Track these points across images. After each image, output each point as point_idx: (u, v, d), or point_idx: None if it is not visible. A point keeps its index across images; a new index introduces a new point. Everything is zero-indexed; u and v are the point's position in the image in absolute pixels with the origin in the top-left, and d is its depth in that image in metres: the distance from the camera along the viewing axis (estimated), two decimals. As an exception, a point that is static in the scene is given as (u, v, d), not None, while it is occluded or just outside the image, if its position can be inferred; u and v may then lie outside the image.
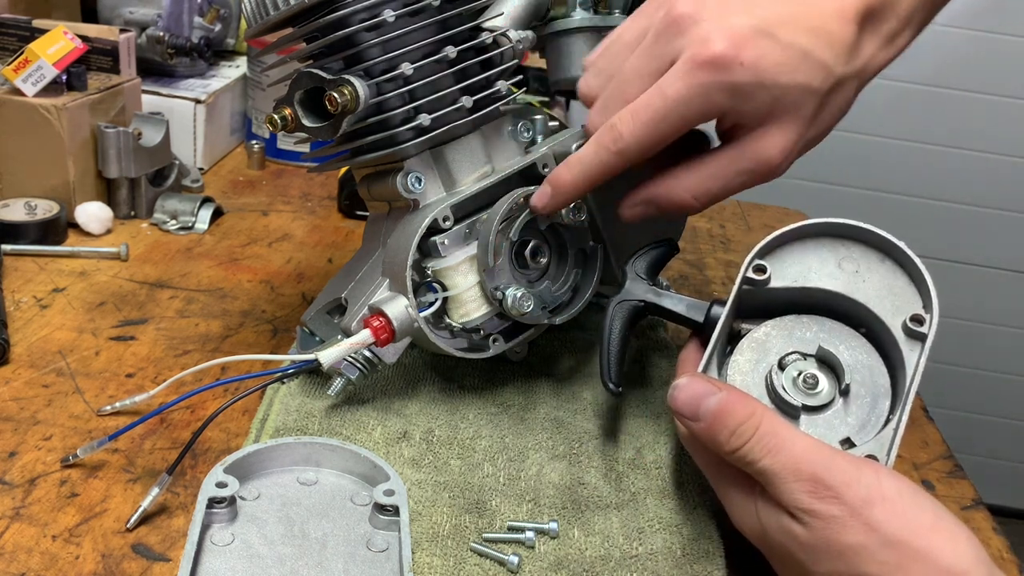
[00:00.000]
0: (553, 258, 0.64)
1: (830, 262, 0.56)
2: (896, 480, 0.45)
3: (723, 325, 0.56)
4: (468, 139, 0.65)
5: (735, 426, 0.48)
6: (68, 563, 0.51)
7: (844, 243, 0.56)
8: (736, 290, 0.56)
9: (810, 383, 0.53)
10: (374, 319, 0.61)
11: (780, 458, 0.46)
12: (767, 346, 0.56)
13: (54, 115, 0.87)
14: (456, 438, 0.63)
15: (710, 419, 0.49)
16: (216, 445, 0.62)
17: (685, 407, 0.50)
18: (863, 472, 0.45)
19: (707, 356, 0.55)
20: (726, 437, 0.48)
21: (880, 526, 0.43)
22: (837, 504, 0.44)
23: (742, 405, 0.48)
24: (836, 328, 0.56)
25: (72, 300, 0.78)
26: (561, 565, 0.53)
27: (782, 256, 0.57)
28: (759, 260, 0.56)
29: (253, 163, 1.14)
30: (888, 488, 0.44)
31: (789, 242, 0.57)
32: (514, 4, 0.69)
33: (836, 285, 0.55)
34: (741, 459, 0.48)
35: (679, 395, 0.50)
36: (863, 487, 0.44)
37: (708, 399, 0.49)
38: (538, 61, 0.80)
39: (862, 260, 0.56)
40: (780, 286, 0.56)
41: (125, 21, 1.08)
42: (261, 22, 0.62)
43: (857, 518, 0.44)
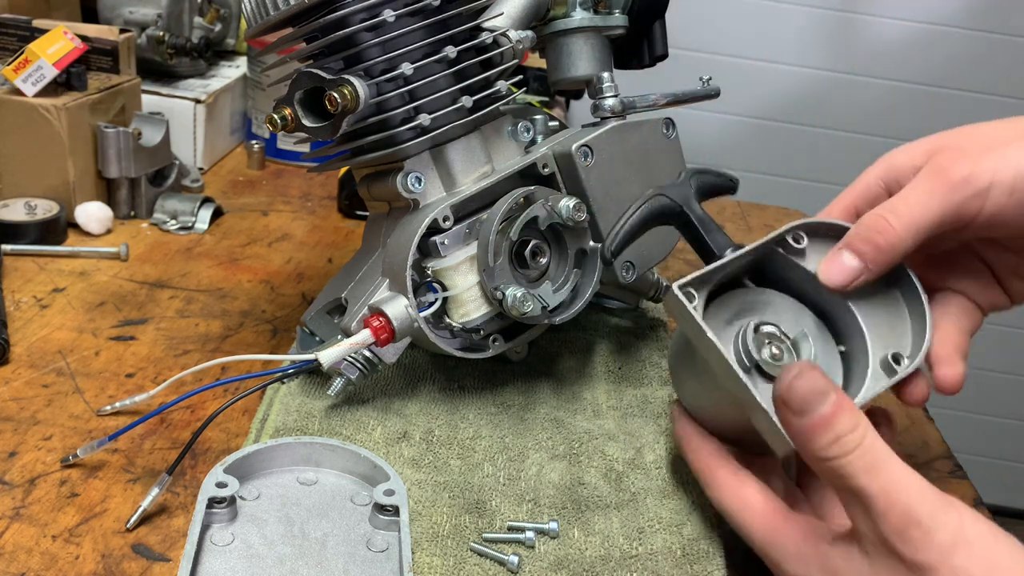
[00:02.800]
0: (553, 258, 0.64)
1: None
2: (977, 521, 0.43)
3: (728, 263, 0.55)
4: (468, 139, 0.65)
5: (842, 434, 0.44)
6: (68, 563, 0.51)
7: None
8: (762, 243, 0.55)
9: (778, 357, 0.53)
10: (374, 319, 0.61)
11: (879, 480, 0.43)
12: (756, 308, 0.55)
13: (54, 115, 0.87)
14: (456, 438, 0.63)
15: (818, 419, 0.45)
16: (216, 445, 0.62)
17: (797, 400, 0.45)
18: (950, 512, 0.43)
19: (697, 274, 0.54)
20: (827, 443, 0.45)
21: (964, 570, 0.42)
22: (923, 551, 0.42)
23: (852, 414, 0.45)
24: (823, 334, 0.56)
25: (72, 300, 0.78)
26: (561, 565, 0.53)
27: (815, 243, 0.56)
28: (802, 231, 0.56)
29: (253, 163, 1.14)
30: (971, 531, 0.43)
31: (825, 236, 0.56)
32: (514, 4, 0.69)
33: (847, 295, 0.55)
34: (834, 471, 0.45)
35: (798, 384, 0.45)
36: (950, 529, 0.42)
37: (824, 398, 0.45)
38: (538, 61, 0.80)
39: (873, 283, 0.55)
40: (801, 264, 0.56)
41: (125, 21, 1.08)
42: (261, 22, 0.62)
43: (944, 565, 0.42)
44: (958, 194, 0.52)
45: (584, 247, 0.64)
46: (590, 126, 0.70)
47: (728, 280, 0.57)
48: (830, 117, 2.03)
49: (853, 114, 2.02)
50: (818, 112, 2.03)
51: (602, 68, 0.72)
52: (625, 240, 0.58)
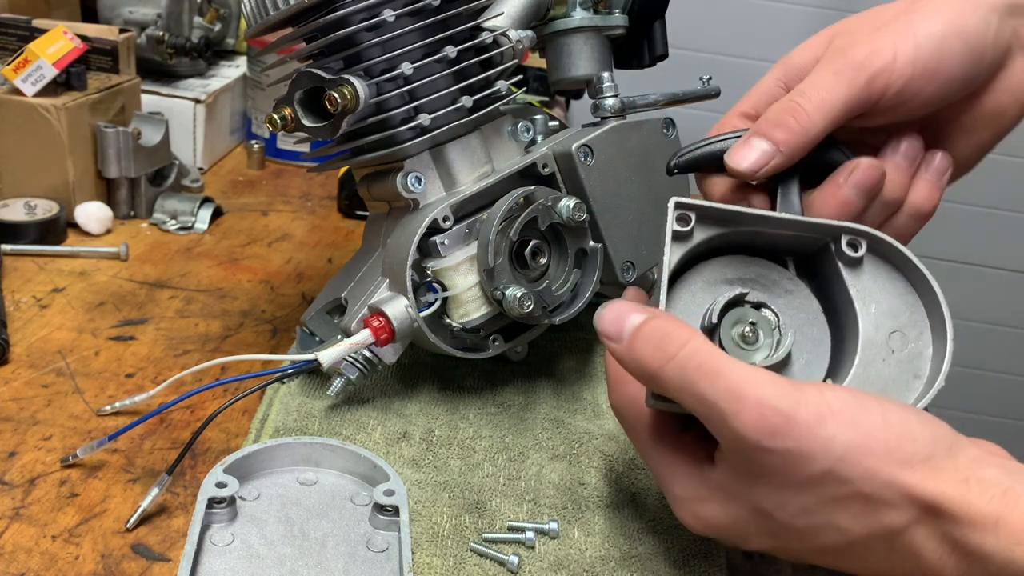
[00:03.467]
0: (553, 258, 0.64)
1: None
2: (836, 391, 0.42)
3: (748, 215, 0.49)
4: (468, 139, 0.65)
5: (661, 338, 0.43)
6: (68, 563, 0.51)
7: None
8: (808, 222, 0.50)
9: (750, 339, 0.49)
10: (374, 319, 0.61)
11: (719, 383, 0.41)
12: (764, 285, 0.51)
13: (54, 115, 0.87)
14: (456, 438, 0.63)
15: (634, 333, 0.44)
16: (216, 445, 0.62)
17: (609, 327, 0.45)
18: (806, 389, 0.41)
19: (705, 203, 0.50)
20: (651, 351, 0.43)
21: (835, 439, 0.40)
22: (790, 436, 0.40)
23: (667, 321, 0.44)
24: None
25: (72, 300, 0.78)
26: (561, 565, 0.53)
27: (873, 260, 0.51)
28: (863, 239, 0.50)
29: (253, 163, 1.14)
30: (833, 400, 0.41)
31: (885, 256, 0.51)
32: (514, 4, 0.69)
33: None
34: (671, 382, 0.43)
35: (604, 314, 0.45)
36: (812, 406, 0.41)
37: (631, 317, 0.44)
38: (538, 61, 0.79)
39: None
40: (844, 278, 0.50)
41: (125, 21, 1.08)
42: (261, 22, 0.62)
43: (814, 441, 0.40)
44: (864, 72, 0.51)
45: (584, 247, 0.64)
46: (590, 126, 0.70)
47: (765, 247, 0.52)
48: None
49: (853, 114, 2.02)
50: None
51: (602, 68, 0.72)
52: (695, 162, 0.55)
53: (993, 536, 0.38)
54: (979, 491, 0.39)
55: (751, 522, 0.44)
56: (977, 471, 0.40)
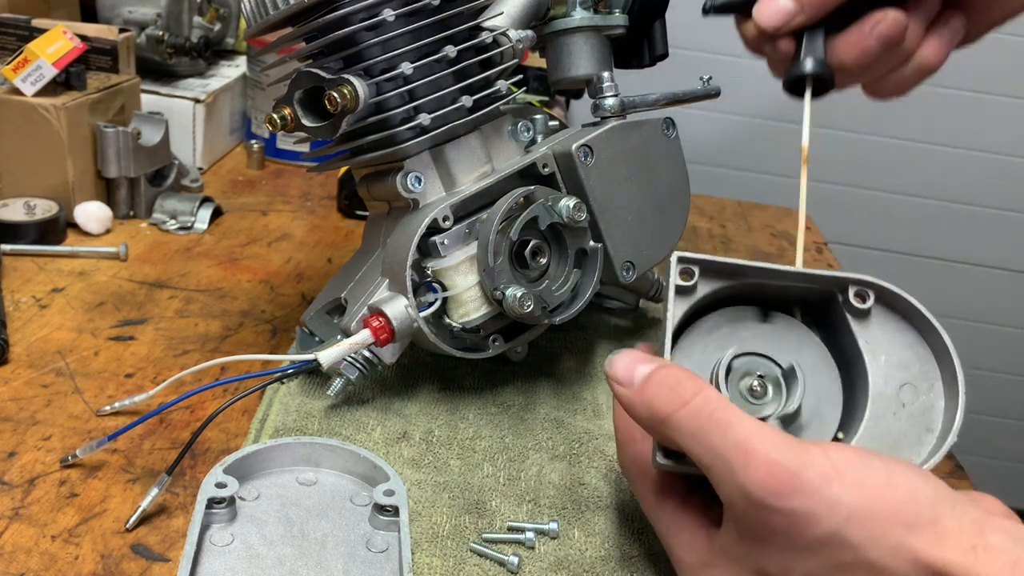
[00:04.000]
0: (553, 258, 0.64)
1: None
2: (839, 450, 0.41)
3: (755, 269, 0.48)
4: (468, 139, 0.65)
5: (674, 385, 0.43)
6: (67, 563, 0.50)
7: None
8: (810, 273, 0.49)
9: (758, 392, 0.48)
10: (374, 319, 0.61)
11: (730, 434, 0.41)
12: (714, 342, 0.50)
13: (53, 115, 0.87)
14: (456, 438, 0.63)
15: (647, 378, 0.44)
16: (215, 445, 0.61)
17: (622, 370, 0.45)
18: (812, 450, 0.41)
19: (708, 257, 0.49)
20: (664, 396, 0.43)
21: (841, 502, 0.39)
22: (797, 496, 0.40)
23: (681, 371, 0.44)
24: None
25: (71, 300, 0.78)
26: (561, 566, 0.53)
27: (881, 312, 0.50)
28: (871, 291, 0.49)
29: (252, 163, 1.14)
30: (838, 460, 0.40)
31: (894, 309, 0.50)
32: (514, 3, 0.69)
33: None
34: (682, 429, 0.42)
35: (616, 359, 0.45)
36: (818, 466, 0.40)
37: (642, 365, 0.44)
38: (538, 61, 0.79)
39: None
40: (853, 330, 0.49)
41: (124, 20, 1.08)
42: (261, 21, 0.62)
43: (820, 502, 0.40)
44: None
45: (584, 247, 0.64)
46: (590, 126, 0.70)
47: (774, 298, 0.51)
48: (829, 116, 2.03)
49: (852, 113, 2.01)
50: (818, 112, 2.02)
51: (602, 68, 0.72)
52: (729, 5, 0.56)
53: None
54: (987, 560, 0.38)
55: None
56: (984, 538, 0.39)
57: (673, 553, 0.48)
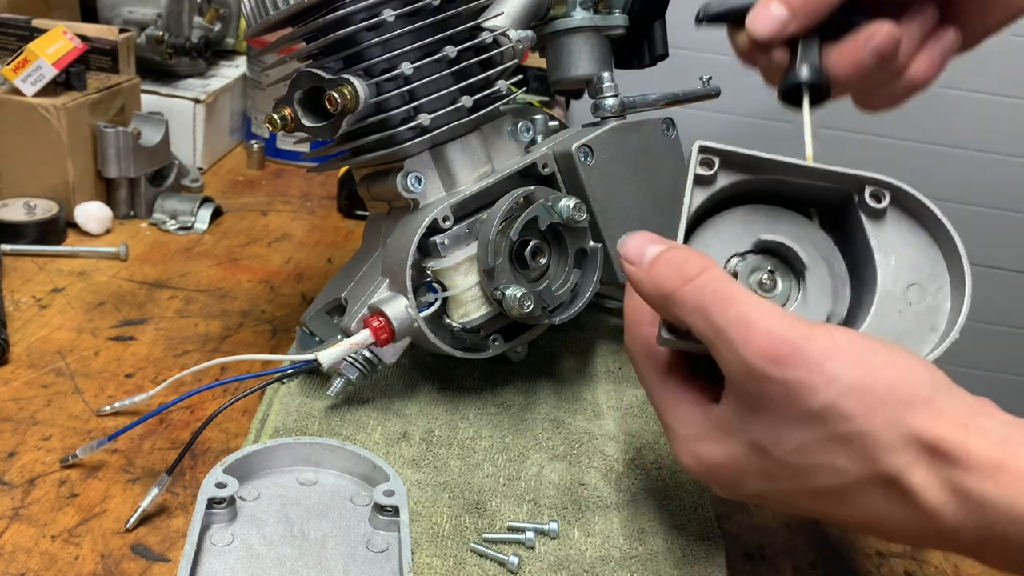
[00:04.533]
0: (553, 258, 0.64)
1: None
2: (843, 331, 0.42)
3: (772, 162, 0.48)
4: (468, 139, 0.65)
5: (681, 263, 0.44)
6: (67, 563, 0.50)
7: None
8: (831, 171, 0.49)
9: (767, 285, 0.49)
10: (374, 319, 0.61)
11: (731, 309, 0.42)
12: (727, 235, 0.50)
13: (53, 115, 0.87)
14: (456, 438, 0.63)
15: (656, 257, 0.45)
16: (216, 445, 0.61)
17: (632, 249, 0.46)
18: (816, 328, 0.42)
19: (729, 147, 0.48)
20: (670, 273, 0.44)
21: (840, 375, 0.40)
22: (796, 367, 0.40)
23: (688, 251, 0.45)
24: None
25: (71, 300, 0.78)
26: (561, 566, 0.53)
27: (896, 213, 0.50)
28: (887, 191, 0.49)
29: (252, 163, 1.14)
30: (840, 339, 0.41)
31: (910, 211, 0.50)
32: (514, 4, 0.69)
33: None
34: (686, 305, 0.43)
35: (628, 240, 0.46)
36: (818, 341, 0.41)
37: (652, 245, 0.46)
38: (538, 61, 0.79)
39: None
40: (866, 230, 0.49)
41: (124, 21, 1.08)
42: (261, 21, 0.62)
43: (819, 375, 0.40)
44: None
45: (584, 247, 0.64)
46: (590, 126, 0.70)
47: (790, 196, 0.51)
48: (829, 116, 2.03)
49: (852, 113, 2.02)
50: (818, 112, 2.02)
51: (602, 68, 0.72)
52: (725, 15, 0.55)
53: (993, 483, 0.38)
54: (978, 437, 0.39)
55: (746, 460, 0.44)
56: (976, 418, 0.40)
57: (668, 427, 0.48)
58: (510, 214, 0.61)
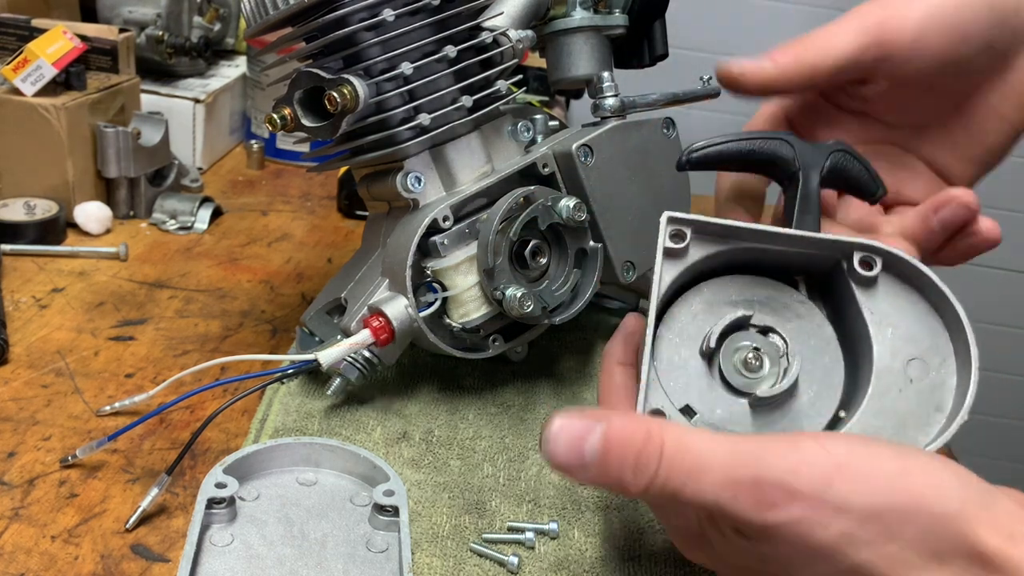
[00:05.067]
0: (553, 258, 0.64)
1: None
2: (840, 440, 0.38)
3: (747, 230, 0.45)
4: (468, 139, 0.65)
5: (634, 459, 0.38)
6: (67, 563, 0.50)
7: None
8: (813, 238, 0.46)
9: (753, 365, 0.45)
10: (374, 319, 0.61)
11: (706, 478, 0.37)
12: (769, 306, 0.47)
13: (53, 115, 0.87)
14: (456, 438, 0.63)
15: (600, 461, 0.38)
16: (215, 445, 0.61)
17: (567, 458, 0.38)
18: (803, 448, 0.38)
19: (701, 217, 0.45)
20: (630, 476, 0.38)
21: (850, 502, 0.36)
22: (794, 503, 0.37)
23: (632, 429, 0.38)
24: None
25: (71, 300, 0.78)
26: (561, 566, 0.53)
27: (888, 280, 0.47)
28: (878, 257, 0.46)
29: (252, 163, 1.14)
30: (837, 452, 0.37)
31: (905, 278, 0.47)
32: (514, 3, 0.69)
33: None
34: (660, 495, 0.38)
35: (554, 448, 0.39)
36: (814, 464, 0.37)
37: (589, 439, 0.38)
38: (538, 61, 0.79)
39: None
40: (857, 299, 0.45)
41: (124, 20, 1.08)
42: (260, 21, 0.62)
43: (824, 507, 0.36)
44: (873, 17, 0.50)
45: (584, 247, 0.64)
46: (590, 126, 0.70)
47: (774, 266, 0.47)
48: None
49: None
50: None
51: (602, 68, 0.72)
52: (711, 159, 0.50)
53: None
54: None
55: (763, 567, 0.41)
56: (1018, 526, 0.36)
57: (671, 527, 0.45)
58: (510, 214, 0.61)
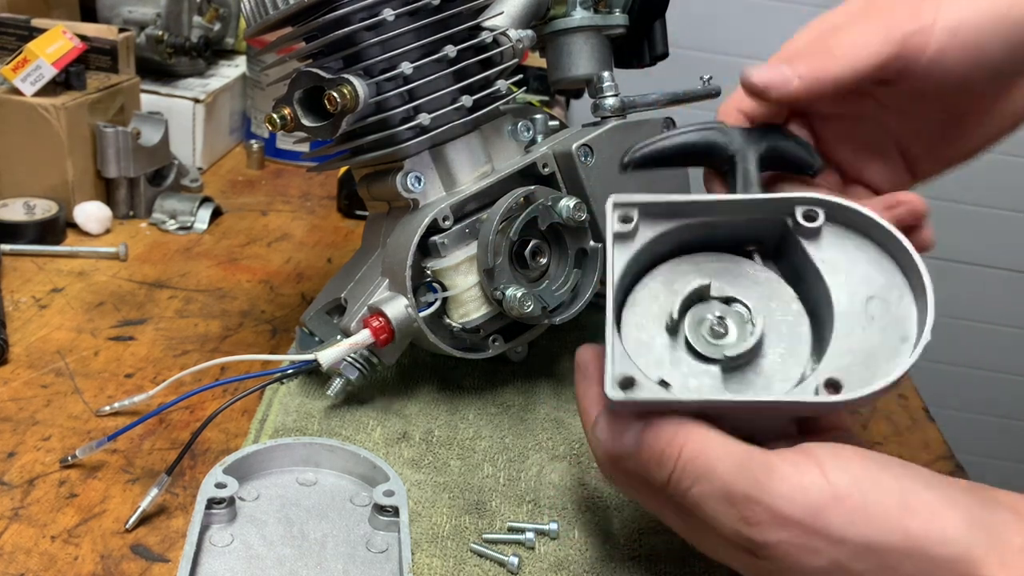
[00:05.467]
0: (553, 258, 0.64)
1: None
2: (845, 466, 0.38)
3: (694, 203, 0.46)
4: (468, 138, 0.65)
5: (659, 454, 0.41)
6: (67, 564, 0.50)
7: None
8: (753, 199, 0.47)
9: (718, 332, 0.45)
10: (373, 319, 0.61)
11: (708, 485, 0.39)
12: (664, 291, 0.47)
13: (53, 115, 0.87)
14: (456, 439, 0.63)
15: (635, 453, 0.42)
16: (215, 446, 0.61)
17: (612, 447, 0.43)
18: (805, 472, 0.38)
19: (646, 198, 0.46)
20: (655, 468, 0.41)
21: (845, 535, 0.37)
22: (782, 528, 0.37)
23: (662, 428, 0.41)
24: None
25: (71, 300, 0.78)
26: (561, 566, 0.53)
27: (833, 229, 0.48)
28: (819, 208, 0.47)
29: (252, 163, 1.14)
30: (838, 482, 0.38)
31: (849, 225, 0.48)
32: (514, 3, 0.69)
33: None
34: (674, 493, 0.41)
35: (601, 436, 0.43)
36: (810, 492, 0.38)
37: (627, 434, 0.42)
38: (538, 60, 0.79)
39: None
40: (806, 249, 0.46)
41: (124, 20, 1.08)
42: (260, 21, 0.62)
43: (815, 536, 0.37)
44: (899, 30, 0.49)
45: (584, 247, 0.64)
46: (590, 125, 0.69)
47: (727, 241, 0.49)
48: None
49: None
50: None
51: (602, 67, 0.72)
52: (650, 158, 0.51)
53: None
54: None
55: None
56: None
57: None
58: (510, 214, 0.61)
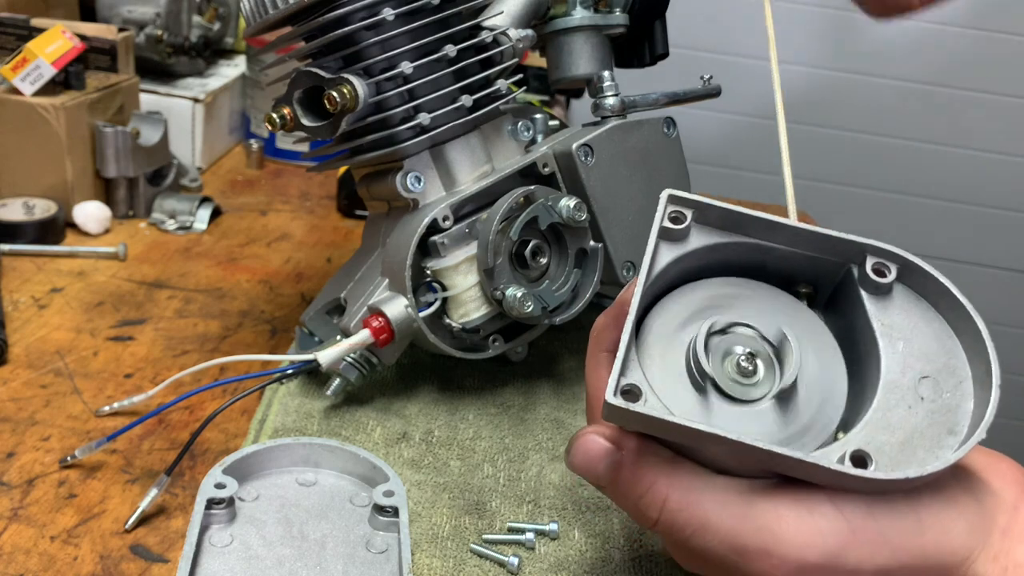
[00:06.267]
0: (553, 258, 0.64)
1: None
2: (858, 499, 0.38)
3: (758, 220, 0.42)
4: (468, 138, 0.65)
5: (634, 503, 0.40)
6: (66, 564, 0.50)
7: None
8: (828, 235, 0.42)
9: (746, 370, 0.40)
10: (373, 319, 0.61)
11: (710, 537, 0.39)
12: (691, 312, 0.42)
13: (52, 114, 0.86)
14: (456, 439, 0.63)
15: (611, 486, 0.41)
16: (215, 446, 0.61)
17: (584, 470, 0.42)
18: (817, 513, 0.38)
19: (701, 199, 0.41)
20: (634, 512, 0.41)
21: (861, 567, 0.37)
22: (805, 572, 0.38)
23: (636, 476, 0.40)
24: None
25: (70, 300, 0.78)
26: (561, 566, 0.53)
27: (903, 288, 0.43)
28: (891, 264, 0.42)
29: (252, 162, 1.14)
30: (853, 514, 0.38)
31: (919, 285, 0.42)
32: (514, 3, 0.69)
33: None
34: (666, 536, 0.41)
35: (574, 459, 0.42)
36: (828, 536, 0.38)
37: (601, 464, 0.41)
38: (538, 60, 0.79)
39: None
40: (866, 310, 0.41)
41: (123, 20, 1.08)
42: (260, 21, 0.62)
43: (835, 573, 0.38)
44: None
45: (584, 247, 0.64)
46: (590, 125, 0.69)
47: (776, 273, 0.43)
48: (831, 116, 2.03)
49: (854, 113, 2.02)
50: (819, 111, 2.03)
51: (602, 67, 0.72)
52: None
53: None
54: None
55: None
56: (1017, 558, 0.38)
57: None
58: (510, 214, 0.61)
